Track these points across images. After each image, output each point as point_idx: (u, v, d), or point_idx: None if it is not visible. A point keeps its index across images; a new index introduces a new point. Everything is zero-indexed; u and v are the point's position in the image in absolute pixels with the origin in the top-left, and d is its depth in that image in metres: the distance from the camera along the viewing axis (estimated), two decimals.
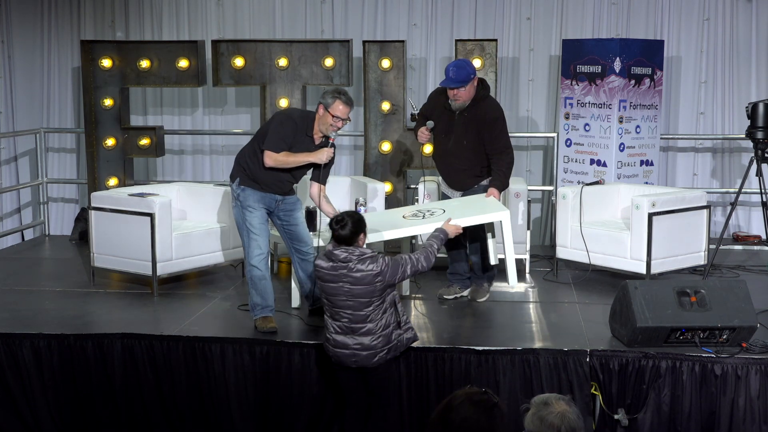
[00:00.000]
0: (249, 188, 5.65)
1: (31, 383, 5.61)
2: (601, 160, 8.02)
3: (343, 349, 4.82)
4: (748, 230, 8.54)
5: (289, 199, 5.82)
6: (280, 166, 5.58)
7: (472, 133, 6.15)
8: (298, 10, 8.95)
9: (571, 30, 8.65)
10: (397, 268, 4.80)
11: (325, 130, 5.61)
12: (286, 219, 5.83)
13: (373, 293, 4.74)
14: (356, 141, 8.95)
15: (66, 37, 9.24)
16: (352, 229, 4.76)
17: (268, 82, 8.26)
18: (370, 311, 4.76)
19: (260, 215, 5.68)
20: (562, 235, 7.11)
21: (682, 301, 5.28)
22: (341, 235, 4.76)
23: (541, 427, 3.25)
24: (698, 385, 5.19)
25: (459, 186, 6.37)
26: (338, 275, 4.75)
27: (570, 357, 5.28)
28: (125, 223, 6.67)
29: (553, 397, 3.34)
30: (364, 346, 4.77)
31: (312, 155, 5.60)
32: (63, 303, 6.40)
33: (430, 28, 8.84)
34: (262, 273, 5.67)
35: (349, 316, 4.78)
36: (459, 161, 6.26)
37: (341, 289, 4.75)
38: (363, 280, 4.71)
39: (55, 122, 9.33)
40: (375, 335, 4.78)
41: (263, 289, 5.69)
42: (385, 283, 4.75)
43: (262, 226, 5.68)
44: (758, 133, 7.02)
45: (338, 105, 5.53)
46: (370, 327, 4.77)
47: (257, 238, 5.65)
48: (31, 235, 9.23)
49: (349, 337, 4.79)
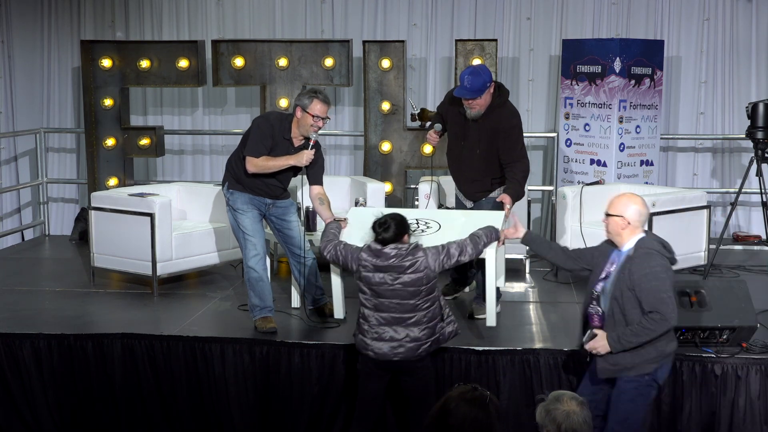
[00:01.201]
0: (237, 191, 5.69)
1: (31, 383, 5.61)
2: (601, 160, 8.02)
3: (388, 341, 4.77)
4: (748, 230, 8.54)
5: (280, 203, 5.81)
6: (261, 171, 5.59)
7: (485, 142, 5.86)
8: (298, 10, 8.95)
9: (571, 30, 8.65)
10: (440, 251, 4.84)
11: (306, 132, 5.58)
12: (279, 222, 5.84)
13: (422, 283, 4.74)
14: (356, 141, 8.95)
15: (66, 37, 9.24)
16: (395, 230, 4.77)
17: (268, 82, 8.26)
18: (419, 302, 4.76)
19: (252, 216, 5.70)
20: (562, 235, 7.11)
21: (682, 301, 5.28)
22: (385, 237, 4.77)
23: (546, 420, 3.29)
24: (698, 385, 5.19)
25: (469, 196, 6.13)
26: (387, 266, 4.73)
27: (570, 357, 5.28)
28: (125, 223, 6.67)
29: (567, 395, 3.37)
30: (413, 338, 4.76)
31: (292, 158, 5.58)
32: (63, 303, 6.40)
33: (430, 28, 8.84)
34: (259, 275, 5.68)
35: (396, 306, 4.75)
36: (470, 171, 6.01)
37: (389, 279, 4.74)
38: (414, 270, 4.72)
39: (55, 122, 9.33)
40: (422, 326, 4.78)
41: (261, 290, 5.70)
42: (432, 268, 4.77)
43: (255, 227, 5.69)
44: (758, 133, 7.02)
45: (316, 104, 5.49)
46: (418, 317, 4.77)
47: (252, 239, 5.67)
48: (31, 235, 9.23)
49: (395, 328, 4.76)
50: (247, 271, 5.72)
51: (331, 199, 7.68)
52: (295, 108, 5.58)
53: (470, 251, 4.97)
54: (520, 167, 5.90)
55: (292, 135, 5.63)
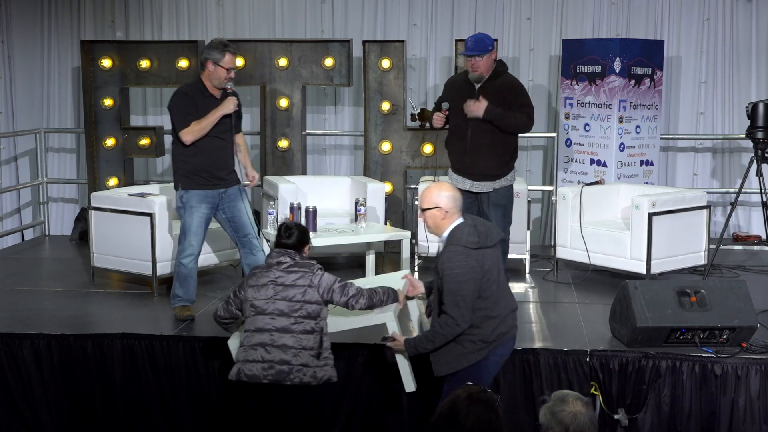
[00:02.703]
0: (192, 190, 5.82)
1: (31, 383, 5.61)
2: (601, 160, 8.02)
3: (259, 362, 4.52)
4: (748, 230, 8.54)
5: (231, 191, 5.94)
6: (199, 134, 5.74)
7: (494, 104, 5.97)
8: (298, 10, 8.95)
9: (571, 30, 8.65)
10: (330, 285, 4.61)
11: (220, 84, 5.80)
12: (230, 211, 5.97)
13: (300, 306, 4.55)
14: (356, 141, 8.95)
15: (66, 37, 9.24)
16: (298, 238, 4.72)
17: (268, 82, 8.26)
18: (291, 324, 4.53)
19: (200, 216, 5.86)
20: (562, 235, 7.12)
21: (682, 301, 5.28)
22: (286, 243, 4.70)
23: (551, 421, 3.26)
24: (698, 385, 5.19)
25: (474, 169, 6.06)
26: (269, 275, 4.60)
27: (570, 357, 5.28)
28: (125, 223, 6.67)
29: (571, 396, 3.35)
30: (282, 360, 4.49)
31: (219, 109, 5.77)
32: (63, 303, 6.40)
33: (430, 28, 8.84)
34: (189, 271, 5.96)
35: (272, 324, 4.53)
36: (482, 135, 6.00)
37: (268, 291, 4.58)
38: (292, 287, 4.56)
39: (55, 122, 9.33)
40: (293, 350, 4.50)
41: (187, 284, 5.98)
42: (319, 288, 4.57)
43: (198, 229, 5.89)
44: (758, 133, 7.01)
45: (228, 57, 5.75)
46: (289, 341, 4.51)
47: (191, 239, 5.89)
48: (31, 235, 9.23)
49: (267, 348, 4.51)
50: (177, 266, 5.99)
51: (332, 199, 7.70)
52: (206, 62, 5.77)
53: (363, 302, 4.68)
54: (525, 115, 6.03)
55: (211, 92, 5.81)
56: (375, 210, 7.21)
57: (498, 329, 4.44)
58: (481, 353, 4.42)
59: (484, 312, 4.40)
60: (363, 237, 6.61)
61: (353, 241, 6.60)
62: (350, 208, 7.39)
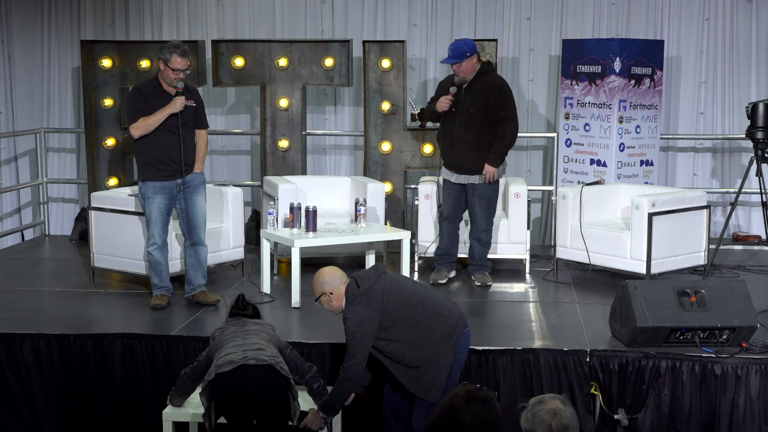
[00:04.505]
0: (149, 181, 6.06)
1: (31, 383, 5.61)
2: (601, 160, 8.02)
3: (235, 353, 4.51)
4: (748, 230, 8.54)
5: (191, 183, 6.15)
6: (146, 130, 6.01)
7: (478, 102, 6.50)
8: (298, 10, 8.95)
9: (571, 30, 8.65)
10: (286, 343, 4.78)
11: (172, 83, 6.00)
12: (186, 204, 6.16)
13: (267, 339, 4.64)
14: (356, 141, 8.95)
15: (66, 37, 9.24)
16: (253, 310, 4.90)
17: (268, 82, 8.26)
18: (264, 342, 4.61)
19: (159, 205, 6.08)
20: (562, 235, 7.12)
21: (682, 301, 5.28)
22: (244, 313, 4.84)
23: (533, 423, 3.27)
24: (698, 385, 5.19)
25: (459, 163, 6.61)
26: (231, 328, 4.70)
27: (570, 357, 5.28)
28: (125, 223, 6.67)
29: (548, 396, 3.37)
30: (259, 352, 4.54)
31: (167, 108, 5.98)
32: (63, 303, 6.40)
33: (430, 28, 8.84)
34: (156, 259, 6.18)
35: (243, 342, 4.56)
36: (466, 131, 6.55)
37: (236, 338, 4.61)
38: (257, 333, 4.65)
39: (55, 122, 9.33)
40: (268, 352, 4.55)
41: (159, 271, 6.21)
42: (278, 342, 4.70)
43: (159, 217, 6.11)
44: (758, 133, 7.02)
45: (176, 59, 5.91)
46: (265, 353, 4.53)
47: (152, 229, 6.14)
48: (31, 235, 9.23)
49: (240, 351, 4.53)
50: (146, 254, 6.28)
51: (332, 199, 7.72)
52: (158, 61, 6.01)
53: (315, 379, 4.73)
54: (510, 127, 6.55)
55: (165, 89, 6.03)
56: (375, 210, 7.21)
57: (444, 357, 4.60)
58: (446, 357, 4.61)
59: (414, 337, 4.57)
60: (363, 237, 6.61)
61: (353, 241, 6.61)
62: (350, 208, 7.39)
